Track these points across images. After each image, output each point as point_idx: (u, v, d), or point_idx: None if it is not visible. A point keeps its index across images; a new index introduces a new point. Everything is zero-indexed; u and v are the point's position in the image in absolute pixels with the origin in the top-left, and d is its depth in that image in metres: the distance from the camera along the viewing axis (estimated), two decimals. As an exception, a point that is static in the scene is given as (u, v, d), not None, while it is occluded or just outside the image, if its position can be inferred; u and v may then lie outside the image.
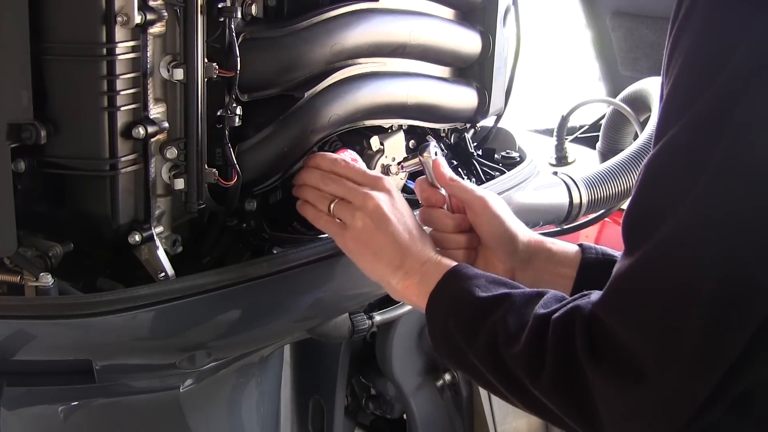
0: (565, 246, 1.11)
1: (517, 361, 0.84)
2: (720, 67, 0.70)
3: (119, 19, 0.93)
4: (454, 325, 0.92)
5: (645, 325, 0.75)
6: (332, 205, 1.06)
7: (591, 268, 1.06)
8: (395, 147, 1.29)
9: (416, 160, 1.15)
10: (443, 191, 1.13)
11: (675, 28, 0.75)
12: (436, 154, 1.12)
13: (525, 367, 0.84)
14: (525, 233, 1.12)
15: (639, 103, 2.15)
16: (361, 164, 1.15)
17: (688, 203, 0.72)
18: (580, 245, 1.11)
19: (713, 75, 0.71)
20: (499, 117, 1.61)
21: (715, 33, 0.72)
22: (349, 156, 1.16)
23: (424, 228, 1.08)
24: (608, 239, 2.14)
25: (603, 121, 2.36)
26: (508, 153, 1.62)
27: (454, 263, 0.99)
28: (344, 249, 1.06)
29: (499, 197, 1.14)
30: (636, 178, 0.81)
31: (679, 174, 0.74)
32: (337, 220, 1.06)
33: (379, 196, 1.04)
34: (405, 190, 1.32)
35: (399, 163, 1.18)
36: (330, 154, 1.12)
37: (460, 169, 1.51)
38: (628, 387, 0.76)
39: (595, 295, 0.82)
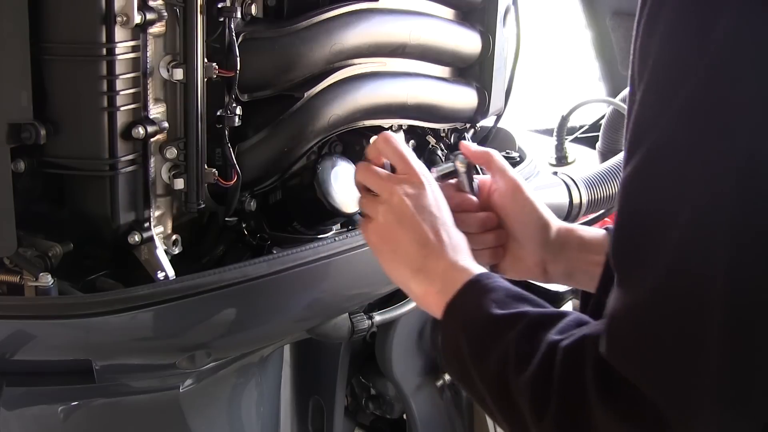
0: (595, 231, 1.04)
1: (523, 389, 0.77)
2: (693, 66, 0.64)
3: (119, 19, 0.93)
4: (465, 343, 0.84)
5: (659, 374, 0.67)
6: (361, 199, 0.99)
7: None
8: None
9: (449, 165, 1.09)
10: (473, 198, 1.06)
11: (641, 34, 0.70)
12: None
13: (529, 397, 0.76)
14: (556, 221, 1.05)
15: (639, 103, 2.15)
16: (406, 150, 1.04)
17: (681, 225, 0.65)
18: (606, 229, 1.04)
19: (688, 76, 0.65)
20: (499, 117, 1.61)
21: (684, 34, 0.66)
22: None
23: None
24: (608, 239, 2.13)
25: (603, 121, 2.36)
26: (508, 153, 1.62)
27: (477, 271, 0.90)
28: (367, 242, 0.98)
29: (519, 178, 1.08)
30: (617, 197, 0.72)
31: (666, 189, 0.67)
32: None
33: (408, 191, 0.95)
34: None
35: (431, 169, 1.06)
36: (389, 134, 1.00)
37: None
38: None
39: (598, 327, 0.74)
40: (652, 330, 0.68)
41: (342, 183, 1.17)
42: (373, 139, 1.02)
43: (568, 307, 1.66)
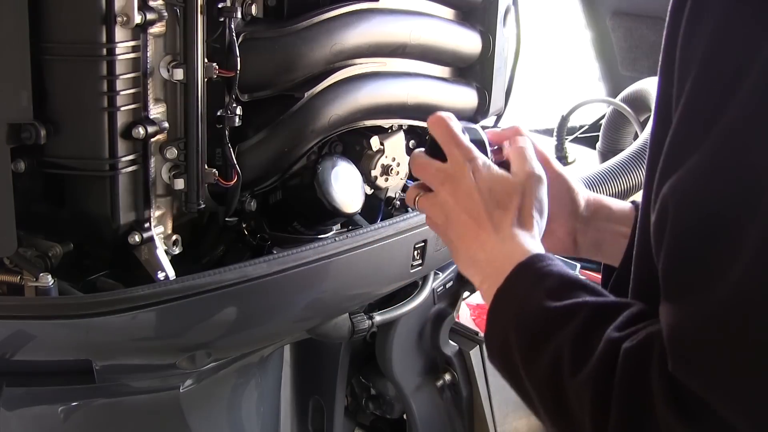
0: (622, 204, 0.99)
1: (580, 393, 0.70)
2: (742, 77, 0.60)
3: (119, 19, 0.93)
4: (515, 339, 0.78)
5: (736, 392, 0.61)
6: (416, 200, 0.93)
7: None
8: (395, 147, 1.29)
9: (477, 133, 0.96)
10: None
11: (684, 30, 0.65)
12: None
13: (588, 403, 0.69)
14: (584, 190, 1.00)
15: (639, 103, 2.15)
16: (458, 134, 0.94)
17: (751, 237, 0.59)
18: (633, 202, 0.98)
19: (735, 88, 0.60)
20: (499, 117, 1.61)
21: (732, 40, 0.61)
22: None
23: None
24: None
25: (603, 121, 2.36)
26: (508, 153, 1.62)
27: (530, 252, 0.82)
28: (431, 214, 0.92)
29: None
30: (659, 207, 0.66)
31: (728, 208, 0.61)
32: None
33: (444, 186, 0.89)
34: (405, 190, 1.32)
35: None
36: (447, 117, 0.92)
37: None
38: None
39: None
40: (725, 344, 0.62)
41: (342, 183, 1.17)
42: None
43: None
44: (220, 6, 1.00)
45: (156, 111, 1.01)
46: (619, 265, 0.95)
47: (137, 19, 0.94)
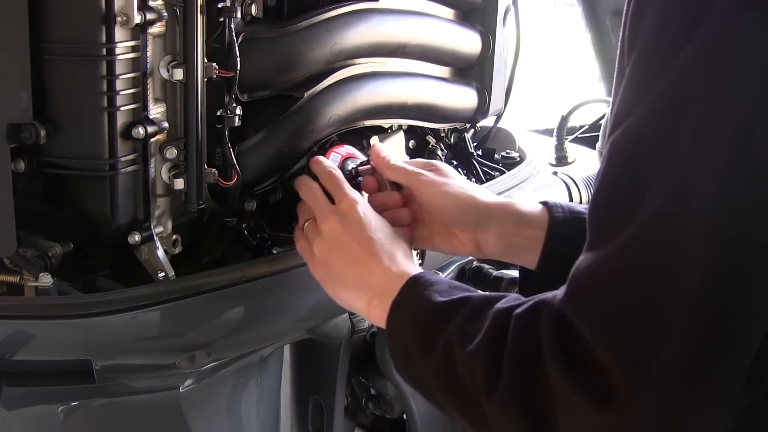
0: (534, 206, 1.02)
1: (471, 362, 0.75)
2: (682, 42, 0.64)
3: (119, 19, 0.93)
4: (412, 338, 0.84)
5: (618, 333, 0.65)
6: (305, 226, 1.02)
7: (561, 227, 0.97)
8: (395, 147, 1.29)
9: (364, 161, 1.11)
10: (394, 192, 1.07)
11: (632, 8, 0.69)
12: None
13: (480, 368, 0.74)
14: (485, 196, 1.04)
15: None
16: (353, 160, 1.13)
17: (661, 189, 0.64)
18: (544, 203, 1.01)
19: (675, 49, 0.64)
20: (499, 117, 1.61)
21: (678, 9, 0.65)
22: (345, 151, 1.15)
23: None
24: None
25: (603, 121, 2.36)
26: (508, 153, 1.62)
27: (415, 272, 0.91)
28: (316, 277, 1.01)
29: (448, 166, 1.08)
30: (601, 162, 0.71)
31: (649, 157, 0.66)
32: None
33: (334, 217, 0.98)
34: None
35: (356, 168, 1.12)
36: (323, 161, 1.07)
37: (460, 169, 1.51)
38: (600, 406, 0.65)
39: (562, 291, 0.71)
40: (617, 285, 0.66)
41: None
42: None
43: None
44: (219, 6, 1.00)
45: (156, 111, 1.01)
46: (536, 267, 0.98)
47: (137, 19, 0.93)
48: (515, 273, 1.24)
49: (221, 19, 1.00)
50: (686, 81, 0.64)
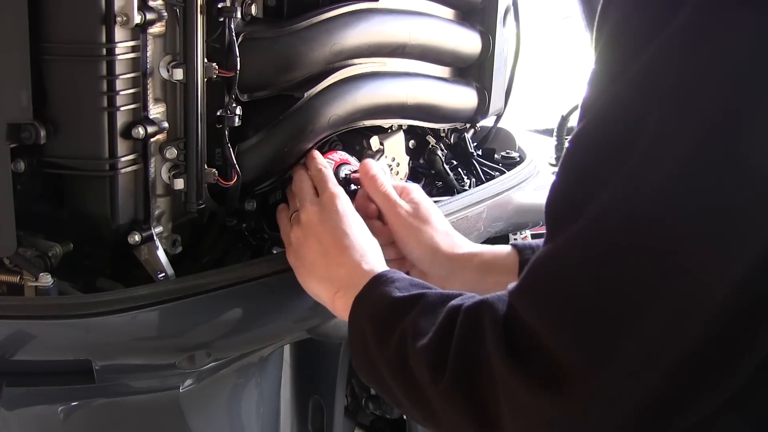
0: (499, 251, 1.06)
1: (421, 355, 0.76)
2: (647, 39, 0.63)
3: (119, 19, 0.93)
4: (370, 332, 0.86)
5: (566, 323, 0.65)
6: (292, 216, 1.06)
7: None
8: (395, 147, 1.29)
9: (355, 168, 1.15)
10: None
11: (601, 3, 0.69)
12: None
13: (427, 362, 0.75)
14: (451, 247, 1.07)
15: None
16: (347, 167, 1.14)
17: (615, 185, 0.64)
18: (514, 246, 1.05)
19: (640, 47, 0.64)
20: (499, 117, 1.61)
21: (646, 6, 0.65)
22: (339, 157, 1.15)
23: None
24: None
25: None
26: (508, 153, 1.62)
27: (383, 269, 0.94)
28: (290, 264, 1.04)
29: (428, 206, 1.10)
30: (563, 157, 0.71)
31: (605, 152, 0.65)
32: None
33: (313, 208, 1.02)
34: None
35: (348, 175, 1.15)
36: (317, 157, 1.11)
37: (459, 169, 1.51)
38: (546, 393, 0.65)
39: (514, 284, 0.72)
40: (567, 274, 0.66)
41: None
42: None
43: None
44: (219, 6, 1.00)
45: (156, 111, 1.01)
46: None
47: (137, 19, 0.93)
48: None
49: (221, 19, 1.00)
50: (649, 79, 0.63)
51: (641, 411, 0.64)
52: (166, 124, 1.01)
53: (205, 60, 1.00)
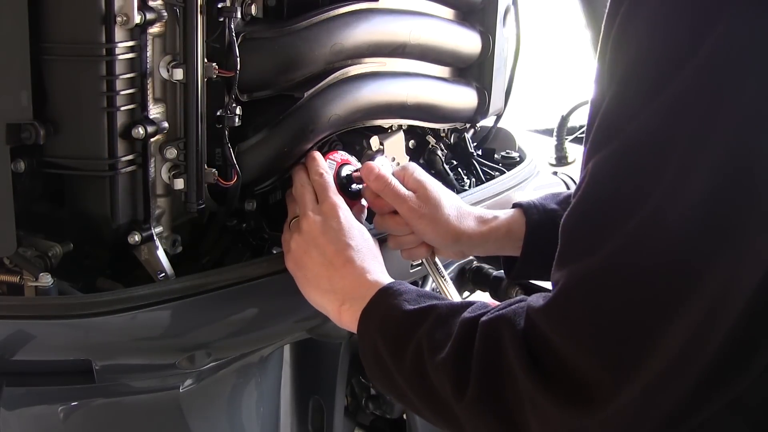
0: (513, 219, 1.11)
1: (441, 370, 0.78)
2: (682, 64, 0.64)
3: (119, 19, 0.93)
4: (382, 345, 0.87)
5: (592, 338, 0.68)
6: (292, 222, 1.06)
7: (537, 229, 1.07)
8: (395, 147, 1.29)
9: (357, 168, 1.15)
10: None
11: (619, 22, 0.71)
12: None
13: (449, 377, 0.77)
14: (469, 226, 1.10)
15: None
16: (349, 167, 1.14)
17: (646, 208, 0.66)
18: (519, 206, 1.11)
19: (676, 72, 0.65)
20: (499, 117, 1.61)
21: (675, 30, 0.65)
22: (340, 157, 1.15)
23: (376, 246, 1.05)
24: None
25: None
26: (508, 153, 1.62)
27: (387, 281, 0.95)
28: (288, 269, 1.04)
29: (432, 186, 1.11)
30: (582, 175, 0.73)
31: (633, 180, 0.67)
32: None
33: (315, 218, 1.02)
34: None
35: (350, 175, 1.15)
36: (318, 159, 1.11)
37: (459, 169, 1.51)
38: (572, 407, 0.68)
39: (535, 299, 0.75)
40: (596, 295, 0.68)
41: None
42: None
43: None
44: (219, 6, 1.00)
45: (155, 111, 1.01)
46: (518, 264, 1.10)
47: (137, 19, 0.93)
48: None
49: (221, 19, 1.00)
50: (678, 112, 0.65)
51: (663, 421, 0.68)
52: (166, 124, 1.01)
53: (205, 60, 1.00)
